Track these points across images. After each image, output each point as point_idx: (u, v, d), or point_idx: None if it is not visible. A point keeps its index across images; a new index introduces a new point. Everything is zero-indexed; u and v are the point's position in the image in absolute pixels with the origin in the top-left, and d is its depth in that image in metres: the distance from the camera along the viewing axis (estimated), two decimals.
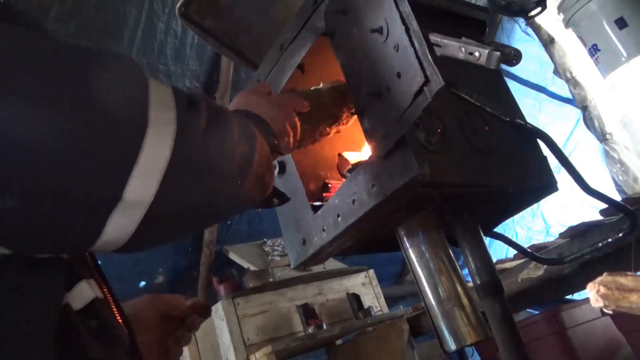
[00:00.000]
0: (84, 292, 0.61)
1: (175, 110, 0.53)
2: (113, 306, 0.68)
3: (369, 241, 1.06)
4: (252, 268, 3.09)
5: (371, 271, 3.23)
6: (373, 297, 3.13)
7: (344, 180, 1.07)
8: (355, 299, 2.92)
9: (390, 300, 3.73)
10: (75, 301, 0.59)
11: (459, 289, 0.94)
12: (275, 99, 0.91)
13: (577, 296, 2.91)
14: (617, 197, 2.56)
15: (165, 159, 0.51)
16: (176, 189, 0.53)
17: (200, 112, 0.57)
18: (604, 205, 1.59)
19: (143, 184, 0.49)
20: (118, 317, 0.67)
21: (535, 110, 3.90)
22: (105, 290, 0.67)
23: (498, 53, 0.73)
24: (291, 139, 0.88)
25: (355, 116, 1.02)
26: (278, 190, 0.87)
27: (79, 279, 0.62)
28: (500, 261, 2.81)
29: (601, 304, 0.76)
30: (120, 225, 0.50)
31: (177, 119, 0.53)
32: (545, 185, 1.02)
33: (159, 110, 0.51)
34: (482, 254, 0.99)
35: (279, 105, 0.88)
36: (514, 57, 0.78)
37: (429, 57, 0.73)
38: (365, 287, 3.16)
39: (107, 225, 0.49)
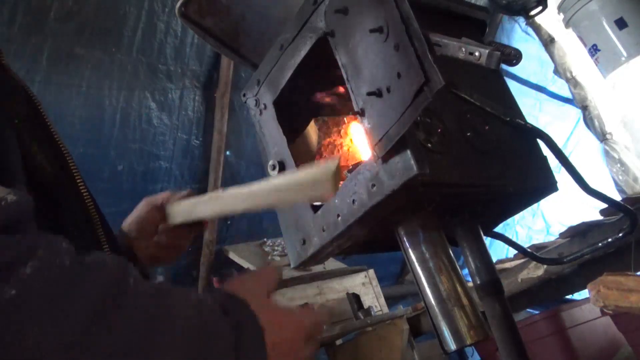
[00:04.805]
0: None
1: None
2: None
3: (369, 241, 1.06)
4: (252, 268, 3.09)
5: (371, 271, 3.23)
6: (373, 297, 3.13)
7: (344, 180, 1.07)
8: (355, 299, 2.91)
9: (390, 300, 3.72)
10: None
11: (459, 289, 0.94)
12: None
13: (577, 296, 2.91)
14: (617, 197, 2.56)
15: None
16: None
17: None
18: (604, 205, 1.59)
19: None
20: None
21: (535, 110, 3.90)
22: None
23: (498, 53, 0.73)
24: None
25: None
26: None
27: None
28: (500, 261, 2.81)
29: (601, 304, 0.76)
30: None
31: None
32: (545, 185, 1.02)
33: None
34: (482, 254, 0.99)
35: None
36: (514, 57, 0.78)
37: (429, 57, 0.73)
38: (365, 287, 3.16)
39: None
